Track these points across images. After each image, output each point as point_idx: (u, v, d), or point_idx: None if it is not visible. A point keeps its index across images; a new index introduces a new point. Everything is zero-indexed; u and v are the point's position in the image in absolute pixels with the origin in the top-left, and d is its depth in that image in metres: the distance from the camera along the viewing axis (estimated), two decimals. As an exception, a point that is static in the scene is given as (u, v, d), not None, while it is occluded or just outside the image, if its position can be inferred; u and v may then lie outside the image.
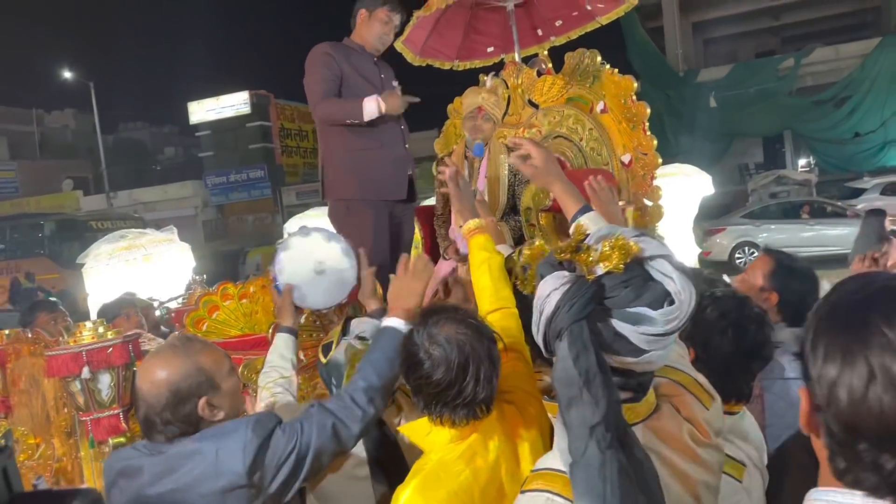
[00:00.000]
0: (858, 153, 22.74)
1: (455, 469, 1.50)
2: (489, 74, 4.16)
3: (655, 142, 3.89)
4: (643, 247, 1.16)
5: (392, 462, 1.92)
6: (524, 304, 1.68)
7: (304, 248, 2.53)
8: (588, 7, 4.49)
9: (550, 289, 1.15)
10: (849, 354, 0.79)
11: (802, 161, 26.14)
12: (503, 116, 4.56)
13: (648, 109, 3.92)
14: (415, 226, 4.13)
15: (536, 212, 3.79)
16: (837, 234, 12.70)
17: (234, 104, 31.78)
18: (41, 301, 5.00)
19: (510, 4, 4.38)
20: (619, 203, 2.47)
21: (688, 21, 28.02)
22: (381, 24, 3.74)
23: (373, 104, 3.46)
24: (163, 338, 3.46)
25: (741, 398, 1.82)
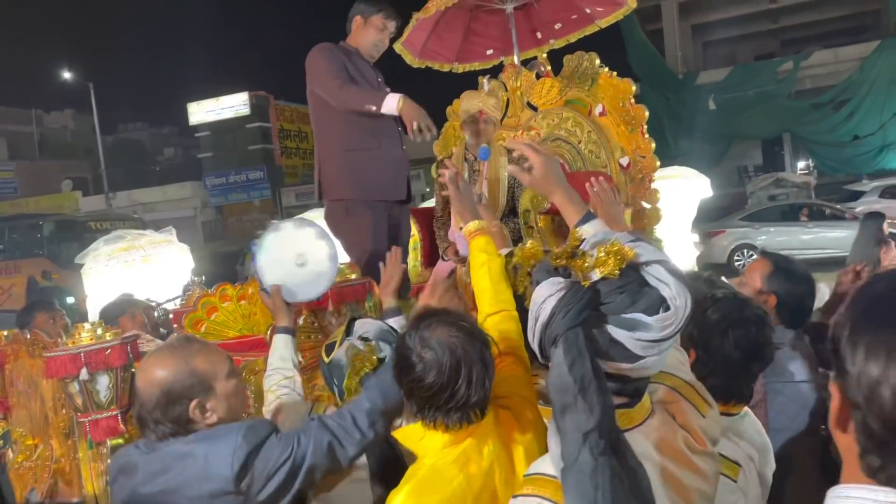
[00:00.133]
0: (857, 156, 22.75)
1: (448, 475, 1.48)
2: (486, 77, 4.17)
3: (653, 144, 3.91)
4: (638, 252, 1.15)
5: (391, 464, 1.92)
6: (524, 307, 1.67)
7: (280, 244, 2.50)
8: (587, 10, 4.51)
9: (546, 295, 1.15)
10: (895, 353, 0.77)
11: (801, 164, 26.16)
12: (502, 118, 4.58)
13: (647, 112, 3.94)
14: (412, 227, 4.13)
15: (535, 214, 3.80)
16: (836, 237, 12.70)
17: (234, 105, 31.80)
18: (39, 301, 4.99)
19: (509, 7, 4.39)
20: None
21: (687, 24, 28.04)
22: (377, 31, 3.75)
23: (393, 101, 3.43)
24: (162, 339, 3.45)
25: (742, 399, 1.82)
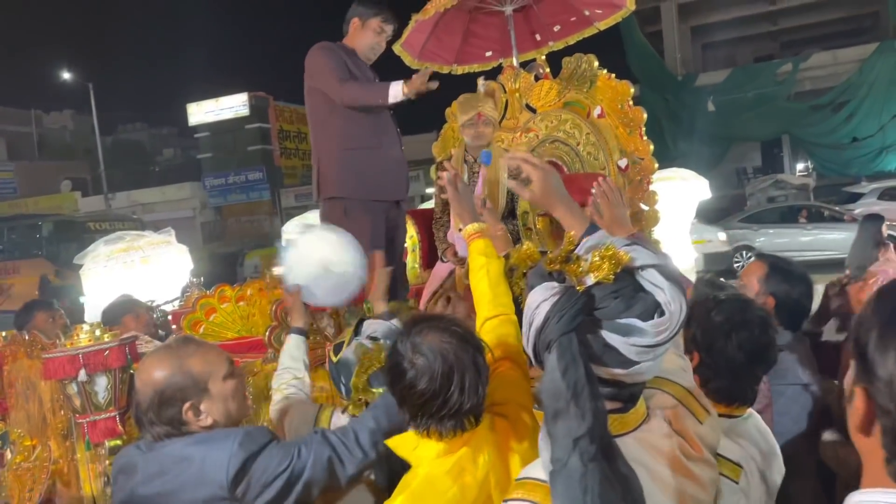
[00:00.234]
0: (856, 158, 22.77)
1: (442, 486, 1.45)
2: (480, 78, 4.16)
3: (652, 146, 3.91)
4: (633, 256, 1.14)
5: (394, 467, 1.91)
6: (522, 310, 1.66)
7: (310, 247, 2.51)
8: (586, 12, 4.51)
9: (540, 299, 1.14)
10: None
11: (800, 165, 26.17)
12: (501, 120, 4.58)
13: (645, 114, 3.94)
14: (407, 228, 4.13)
15: (534, 216, 3.81)
16: (834, 239, 12.70)
17: (233, 106, 31.77)
18: (38, 300, 4.98)
19: (509, 9, 4.39)
20: None
21: (686, 25, 28.05)
22: (374, 34, 3.76)
23: (398, 87, 3.44)
24: (160, 341, 3.45)
25: (745, 402, 1.81)
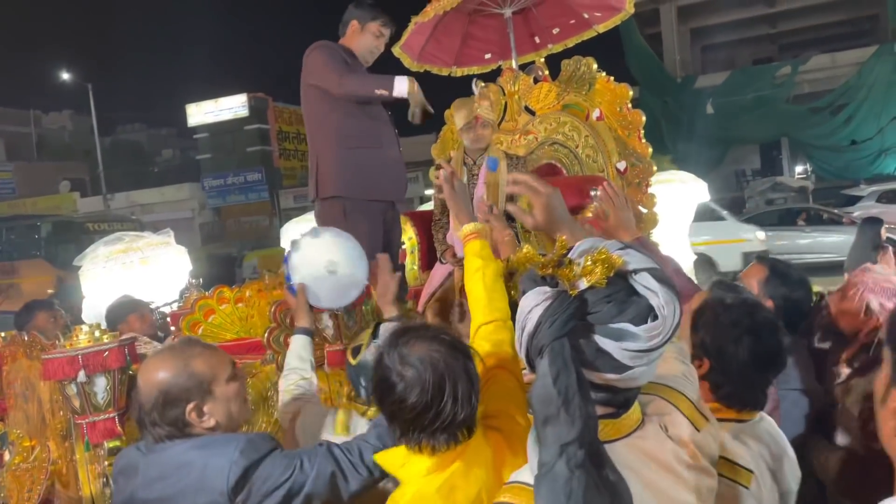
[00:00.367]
0: (855, 160, 22.79)
1: None
2: (474, 81, 4.17)
3: (650, 149, 3.92)
4: (627, 260, 1.13)
5: None
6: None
7: (316, 249, 2.51)
8: (585, 15, 4.53)
9: (532, 304, 1.13)
10: None
11: (799, 168, 26.21)
12: (500, 122, 4.59)
13: (644, 117, 3.95)
14: (409, 230, 4.14)
15: (532, 218, 3.80)
16: (833, 241, 12.70)
17: (233, 107, 31.78)
18: (40, 300, 4.98)
19: (508, 12, 4.40)
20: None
21: (686, 28, 28.08)
22: (373, 38, 3.75)
23: (405, 82, 3.41)
24: (159, 342, 3.46)
25: (756, 406, 1.78)
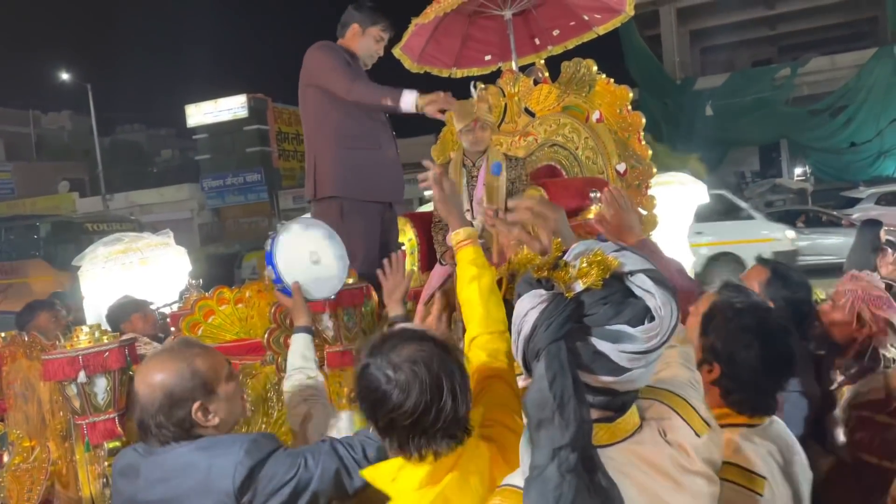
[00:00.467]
0: (854, 163, 22.80)
1: None
2: (473, 83, 4.18)
3: (650, 151, 3.93)
4: (622, 261, 1.12)
5: None
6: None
7: (293, 244, 2.45)
8: (585, 17, 4.53)
9: (528, 307, 1.12)
10: None
11: (798, 170, 26.21)
12: (500, 123, 4.59)
13: (644, 119, 3.96)
14: (406, 231, 4.14)
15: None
16: (832, 244, 12.69)
17: (232, 107, 31.78)
18: (41, 300, 4.99)
19: (508, 13, 4.41)
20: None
21: (685, 29, 28.11)
22: (374, 42, 3.75)
23: (412, 97, 3.38)
24: (159, 342, 3.46)
25: (767, 412, 1.75)
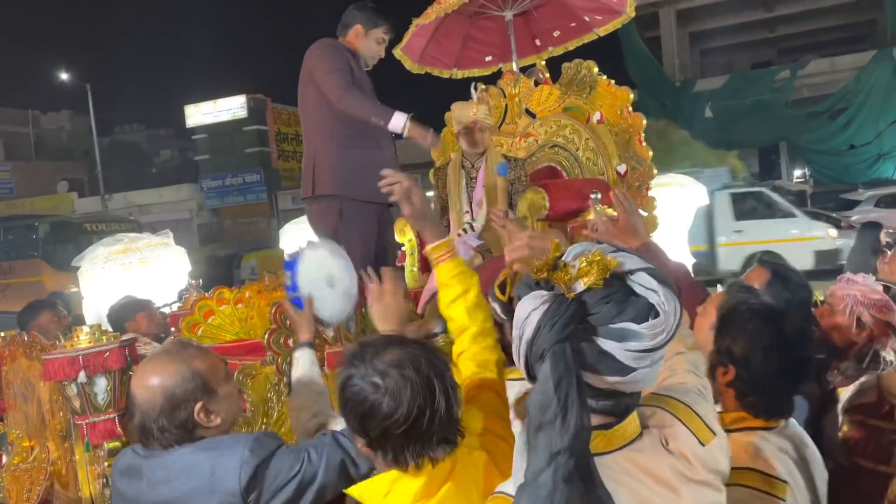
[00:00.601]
0: (853, 165, 22.81)
1: None
2: (473, 84, 4.17)
3: (651, 153, 3.93)
4: (621, 261, 1.11)
5: None
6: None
7: (315, 262, 2.50)
8: (586, 18, 4.54)
9: (529, 309, 1.10)
10: None
11: (797, 172, 26.24)
12: (501, 124, 4.59)
13: (644, 120, 3.96)
14: (406, 231, 4.13)
15: (533, 220, 3.81)
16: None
17: (231, 108, 31.75)
18: (43, 300, 4.98)
19: (509, 14, 4.41)
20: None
21: (685, 31, 28.14)
22: (376, 44, 3.76)
23: (402, 120, 3.39)
24: (160, 343, 3.46)
25: (784, 415, 1.73)
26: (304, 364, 2.25)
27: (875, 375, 2.29)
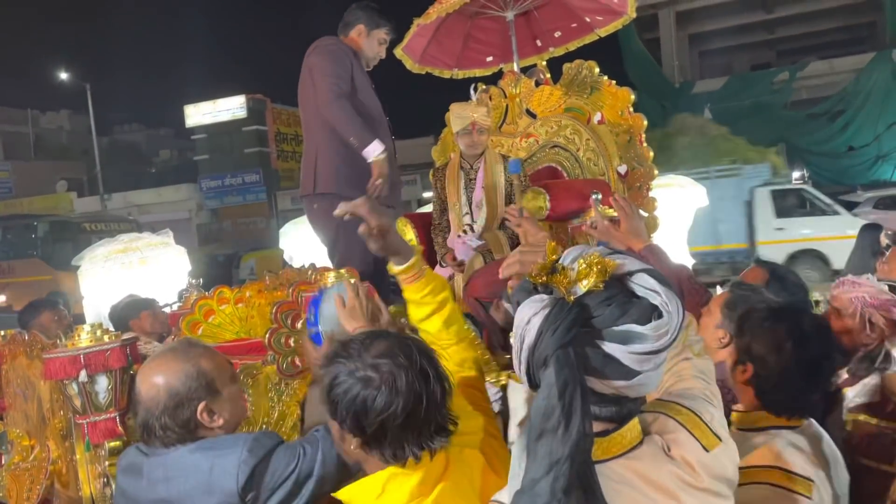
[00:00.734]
0: (852, 167, 22.82)
1: None
2: (473, 85, 4.17)
3: (652, 153, 3.93)
4: (620, 262, 1.09)
5: None
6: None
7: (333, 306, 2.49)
8: (587, 19, 4.54)
9: (530, 314, 1.07)
10: None
11: (796, 174, 26.20)
12: (501, 125, 4.59)
13: (645, 121, 3.96)
14: (406, 232, 4.13)
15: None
16: (831, 246, 12.70)
17: (231, 108, 31.75)
18: (44, 300, 4.99)
19: (510, 14, 4.41)
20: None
21: (684, 33, 28.16)
22: (378, 44, 3.76)
23: (377, 149, 3.41)
24: (160, 342, 3.45)
25: (805, 413, 1.73)
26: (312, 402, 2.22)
27: (879, 376, 2.30)
